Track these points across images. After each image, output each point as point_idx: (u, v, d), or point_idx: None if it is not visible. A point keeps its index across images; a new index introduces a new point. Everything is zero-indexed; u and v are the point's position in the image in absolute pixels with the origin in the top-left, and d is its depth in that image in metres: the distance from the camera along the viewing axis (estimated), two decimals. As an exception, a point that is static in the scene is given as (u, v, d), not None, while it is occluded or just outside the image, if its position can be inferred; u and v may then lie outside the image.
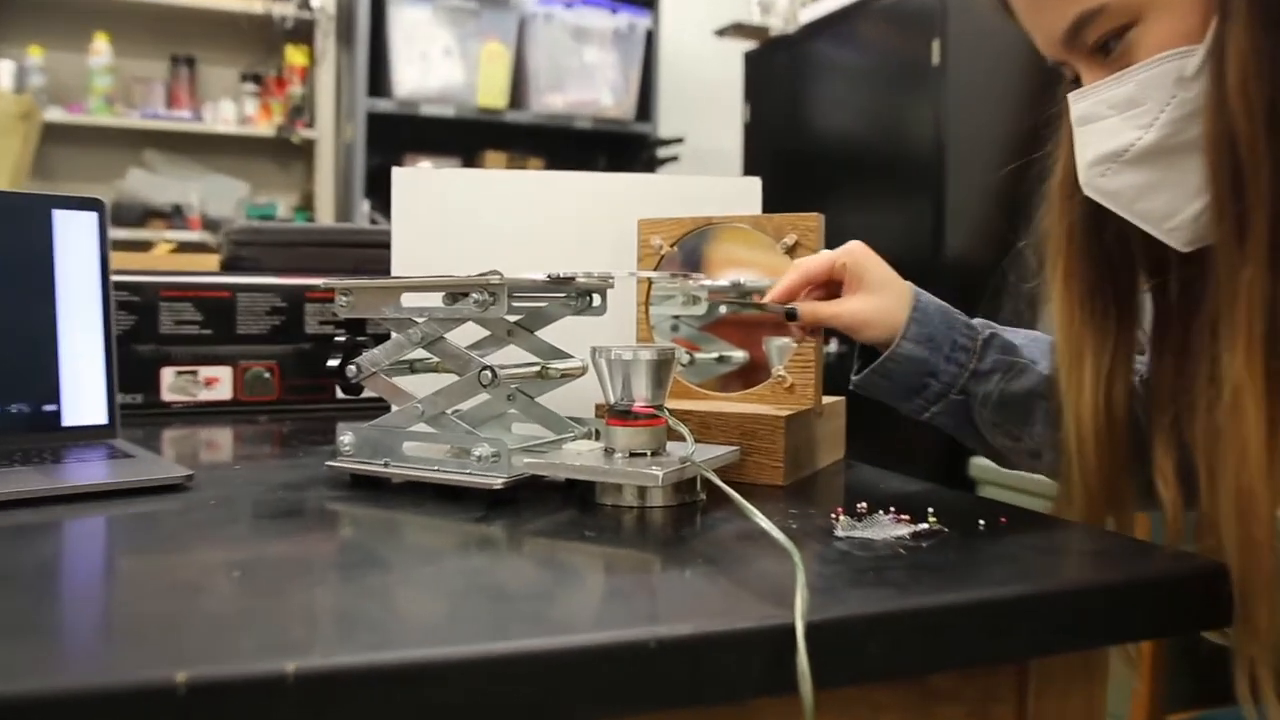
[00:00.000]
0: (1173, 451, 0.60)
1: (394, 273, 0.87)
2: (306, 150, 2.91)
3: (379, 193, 2.51)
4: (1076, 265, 0.63)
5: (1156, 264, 0.62)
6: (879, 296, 0.66)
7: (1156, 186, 0.56)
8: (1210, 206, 0.53)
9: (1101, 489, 0.61)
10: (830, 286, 0.68)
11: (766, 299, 0.69)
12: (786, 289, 0.68)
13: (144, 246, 2.60)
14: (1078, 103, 0.58)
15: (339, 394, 1.08)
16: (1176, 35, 0.53)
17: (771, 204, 0.84)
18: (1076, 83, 0.59)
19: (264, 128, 2.85)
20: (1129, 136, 0.55)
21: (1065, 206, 0.63)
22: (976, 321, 0.68)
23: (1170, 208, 0.56)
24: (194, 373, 1.05)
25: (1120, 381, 0.62)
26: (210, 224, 2.82)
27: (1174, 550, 0.52)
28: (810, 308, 0.67)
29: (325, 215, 2.87)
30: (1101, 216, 0.60)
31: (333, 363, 0.68)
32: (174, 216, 2.81)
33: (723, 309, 0.79)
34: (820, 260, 0.67)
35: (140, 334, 1.03)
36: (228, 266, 1.16)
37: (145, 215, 2.79)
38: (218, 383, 1.05)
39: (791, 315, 0.68)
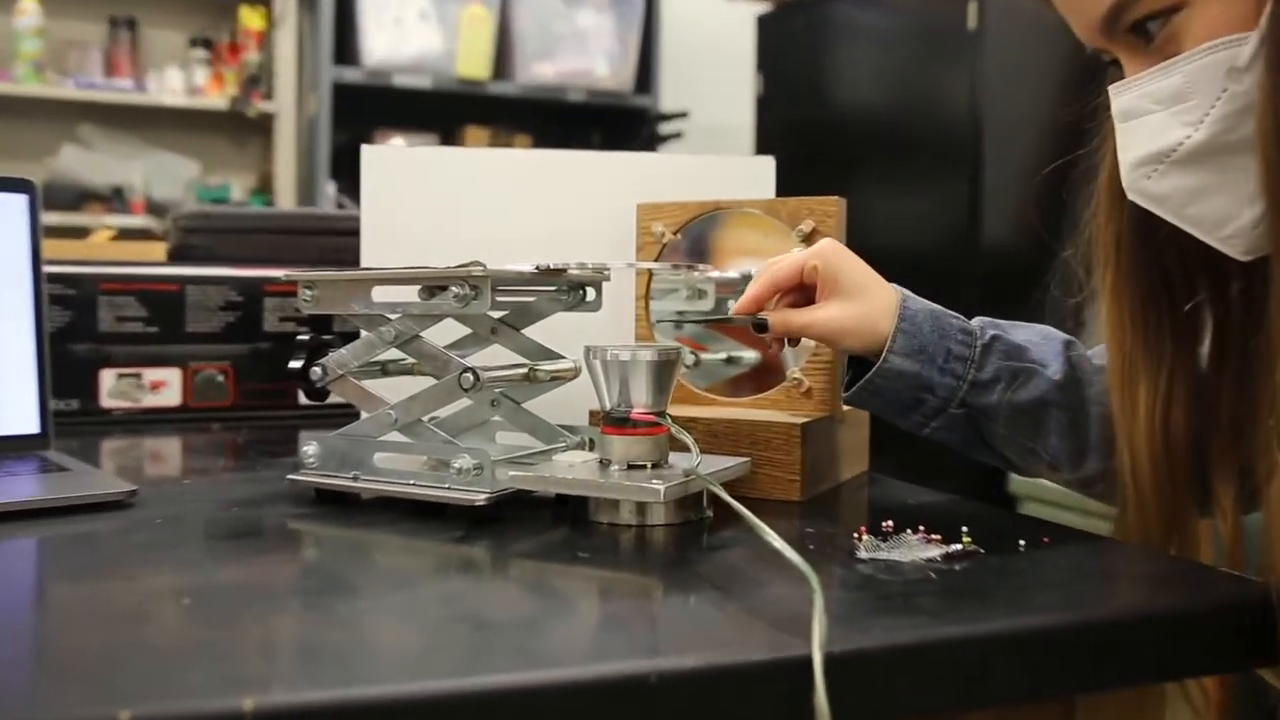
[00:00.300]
0: (1232, 481, 0.61)
1: (363, 263, 0.87)
2: (264, 125, 2.91)
3: (346, 174, 2.52)
4: (1126, 276, 0.63)
5: (1216, 274, 0.62)
6: (857, 302, 0.65)
7: (1208, 190, 0.55)
8: (1266, 213, 0.53)
9: (1160, 521, 0.61)
10: (806, 292, 0.68)
11: (733, 310, 0.69)
12: (753, 298, 0.68)
13: (80, 233, 2.60)
14: (1119, 96, 0.58)
15: (302, 399, 1.10)
16: (1227, 21, 0.53)
17: (786, 186, 0.84)
18: (1119, 69, 0.59)
19: (216, 100, 2.85)
20: (1176, 135, 0.55)
21: (1113, 210, 0.63)
22: (976, 322, 0.68)
23: (1225, 213, 0.55)
24: (138, 376, 1.05)
25: (1179, 406, 0.61)
26: (155, 208, 2.82)
27: (1237, 576, 0.52)
28: (781, 317, 0.67)
29: (286, 199, 2.87)
30: (1153, 222, 0.59)
31: (295, 364, 0.68)
32: (114, 199, 2.81)
33: (682, 328, 0.79)
34: (788, 263, 0.67)
35: (77, 332, 1.03)
36: (175, 256, 1.17)
37: (81, 198, 2.79)
38: (164, 387, 1.05)
39: (761, 327, 0.68)
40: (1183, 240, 0.59)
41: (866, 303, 0.65)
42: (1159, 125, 0.56)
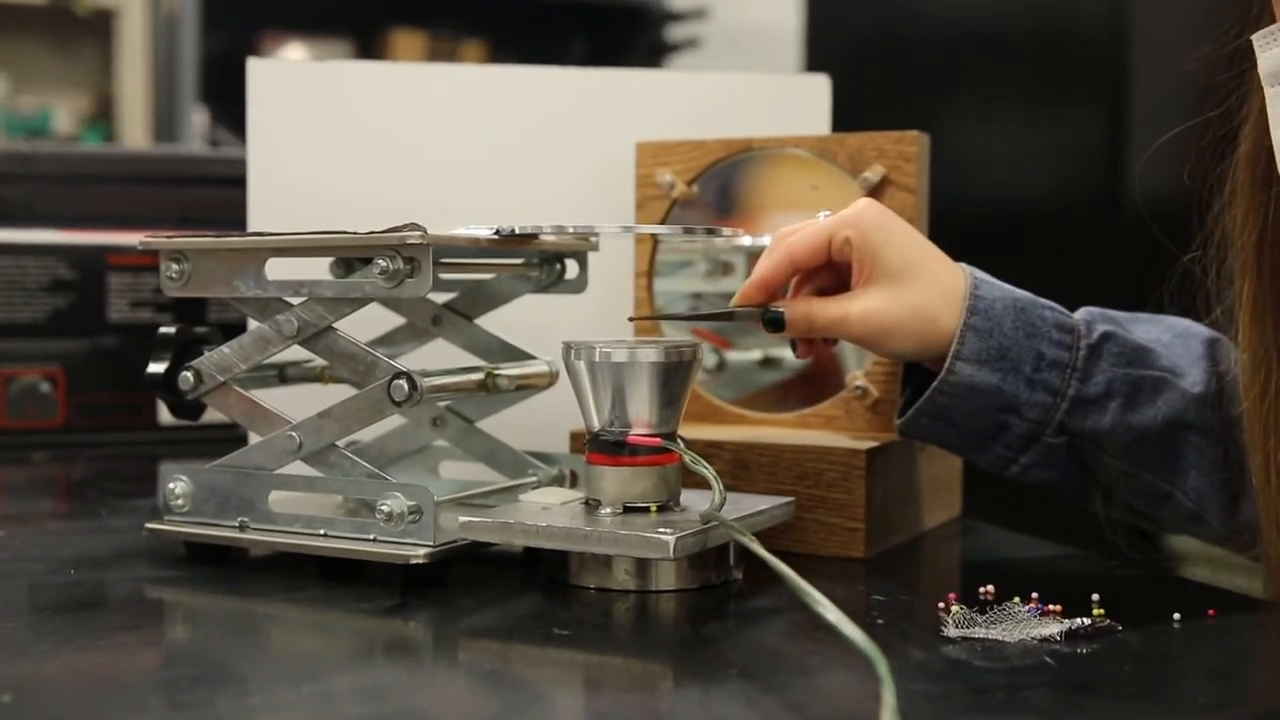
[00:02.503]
0: None
1: (251, 226, 0.88)
2: (100, 26, 2.91)
3: (223, 97, 2.52)
4: (1271, 287, 0.64)
5: None
6: (907, 287, 0.66)
7: None
8: None
9: None
10: (837, 273, 0.69)
11: (734, 300, 0.70)
12: (760, 281, 0.68)
13: None
14: (1267, 49, 0.58)
15: (165, 417, 1.10)
16: None
17: (847, 116, 0.85)
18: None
19: (31, -10, 2.84)
20: None
21: (1254, 201, 0.64)
22: (1080, 315, 0.68)
23: None
24: (-70, 384, 1.06)
25: None
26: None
27: None
28: (802, 309, 0.68)
29: (135, 133, 2.88)
30: None
31: (155, 368, 0.69)
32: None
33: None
34: (810, 234, 0.68)
35: None
36: (-21, 215, 1.18)
37: None
38: (-33, 400, 1.06)
39: (774, 323, 0.68)
40: None
41: (921, 288, 0.66)
42: None
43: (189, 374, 0.68)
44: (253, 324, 0.68)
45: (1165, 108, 1.78)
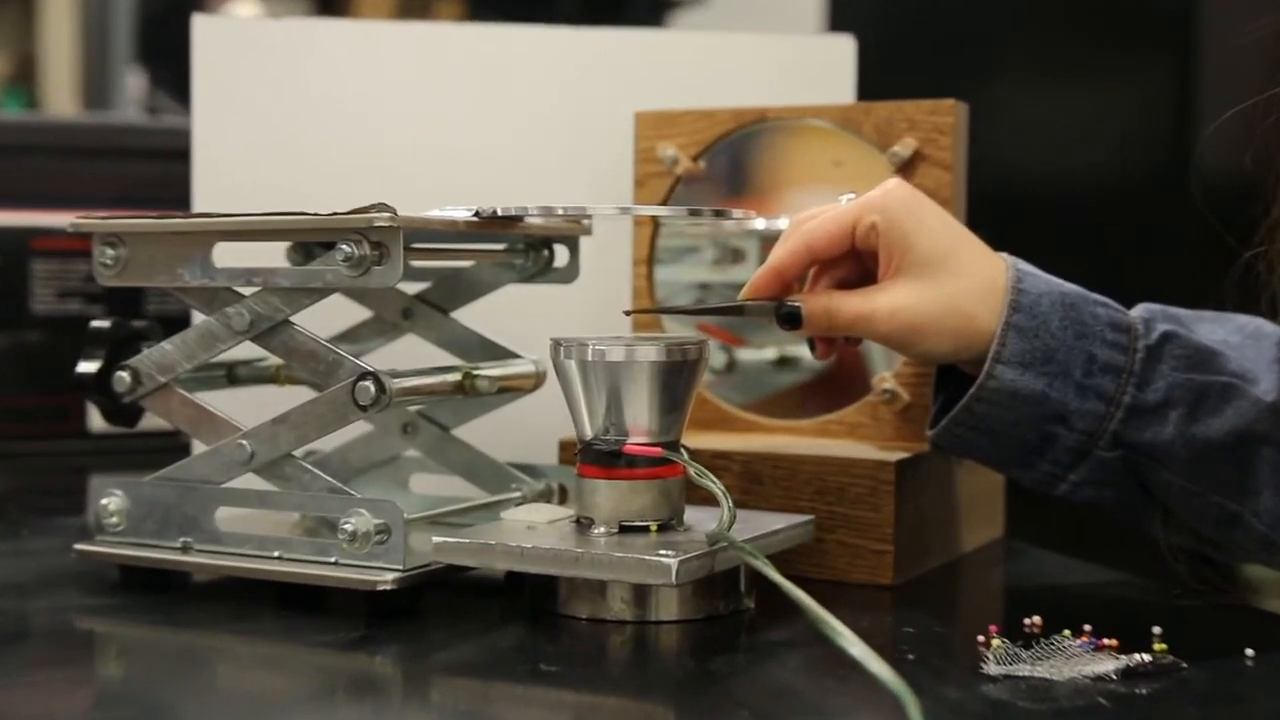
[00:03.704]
0: None
1: (196, 206, 0.88)
2: (23, -22, 2.91)
3: (163, 58, 2.52)
4: None
5: None
6: (940, 280, 0.66)
7: None
8: None
9: None
10: (861, 264, 0.69)
11: (744, 292, 0.70)
12: (773, 272, 0.68)
13: None
14: None
15: (96, 423, 1.09)
16: None
17: (874, 83, 0.85)
18: None
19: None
20: None
21: None
22: (1138, 312, 0.68)
23: None
24: None
25: None
26: None
27: None
28: (822, 303, 0.68)
29: (60, 98, 2.87)
30: None
31: (86, 367, 0.69)
32: None
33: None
34: (830, 219, 0.68)
35: None
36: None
37: None
38: None
39: (789, 318, 0.68)
40: None
41: (956, 281, 0.66)
42: None
43: (125, 374, 0.67)
44: (198, 317, 0.68)
45: (1236, 80, 1.78)
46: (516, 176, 0.86)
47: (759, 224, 0.80)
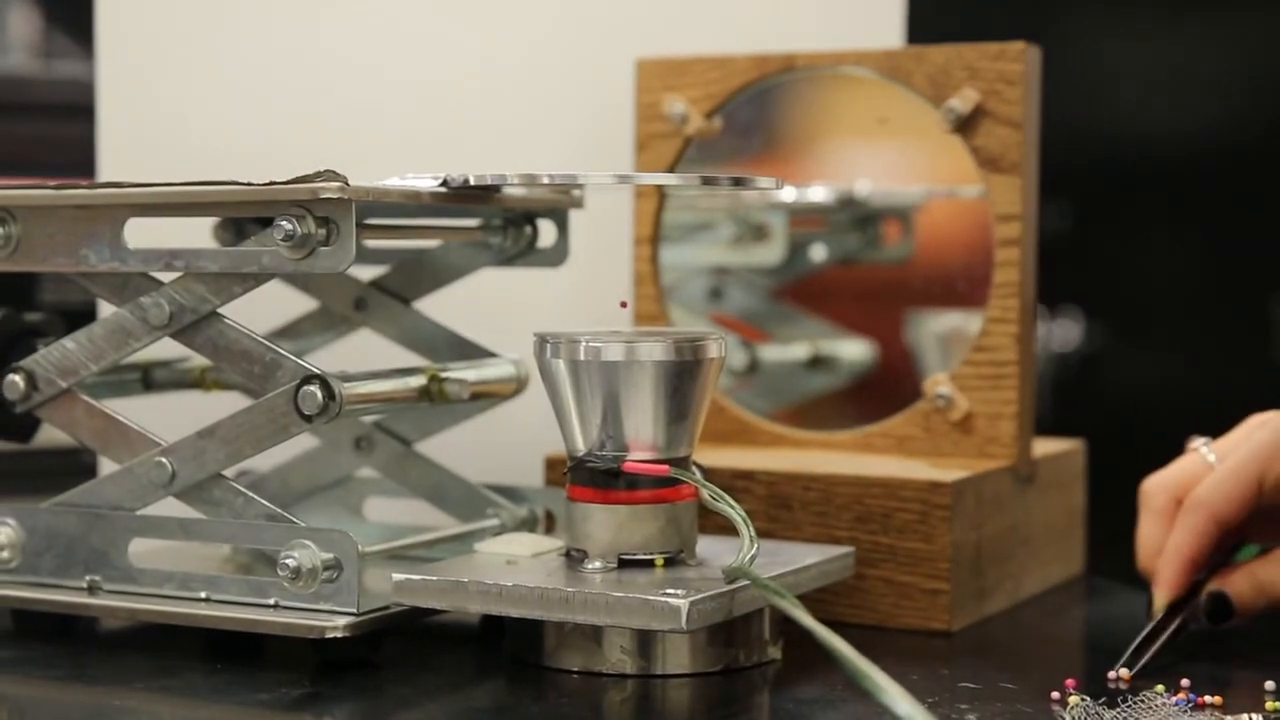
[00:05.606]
0: None
1: (103, 174, 0.88)
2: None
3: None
4: None
5: None
6: None
7: None
8: None
9: None
10: (1258, 519, 0.70)
11: (1159, 600, 0.69)
12: (1191, 562, 0.68)
13: None
14: None
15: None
16: None
17: (926, 23, 0.85)
18: None
19: None
20: None
21: None
22: None
23: None
24: None
25: None
26: None
27: None
28: (1249, 583, 0.68)
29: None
30: None
31: (-28, 369, 0.69)
32: None
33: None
34: (1233, 484, 0.68)
35: None
36: None
37: None
38: None
39: (1220, 612, 0.68)
40: None
41: None
42: None
43: (18, 378, 0.68)
44: (107, 309, 0.68)
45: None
46: (492, 138, 0.86)
47: (786, 195, 0.80)
